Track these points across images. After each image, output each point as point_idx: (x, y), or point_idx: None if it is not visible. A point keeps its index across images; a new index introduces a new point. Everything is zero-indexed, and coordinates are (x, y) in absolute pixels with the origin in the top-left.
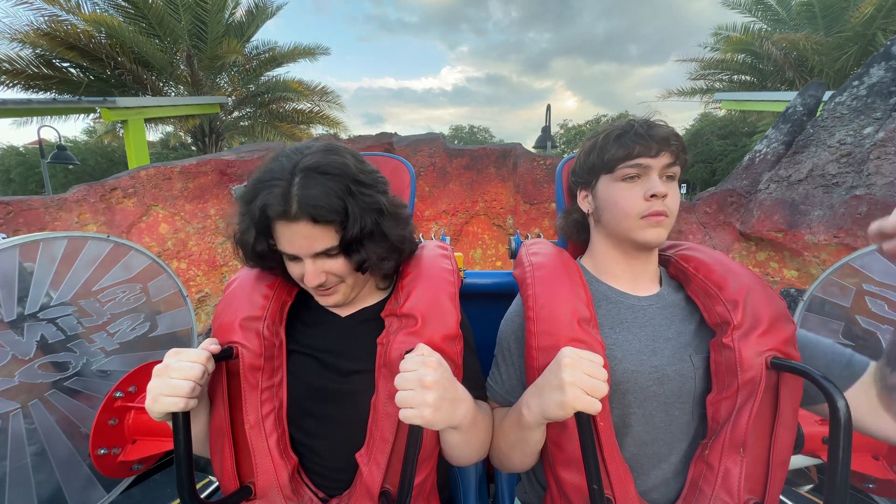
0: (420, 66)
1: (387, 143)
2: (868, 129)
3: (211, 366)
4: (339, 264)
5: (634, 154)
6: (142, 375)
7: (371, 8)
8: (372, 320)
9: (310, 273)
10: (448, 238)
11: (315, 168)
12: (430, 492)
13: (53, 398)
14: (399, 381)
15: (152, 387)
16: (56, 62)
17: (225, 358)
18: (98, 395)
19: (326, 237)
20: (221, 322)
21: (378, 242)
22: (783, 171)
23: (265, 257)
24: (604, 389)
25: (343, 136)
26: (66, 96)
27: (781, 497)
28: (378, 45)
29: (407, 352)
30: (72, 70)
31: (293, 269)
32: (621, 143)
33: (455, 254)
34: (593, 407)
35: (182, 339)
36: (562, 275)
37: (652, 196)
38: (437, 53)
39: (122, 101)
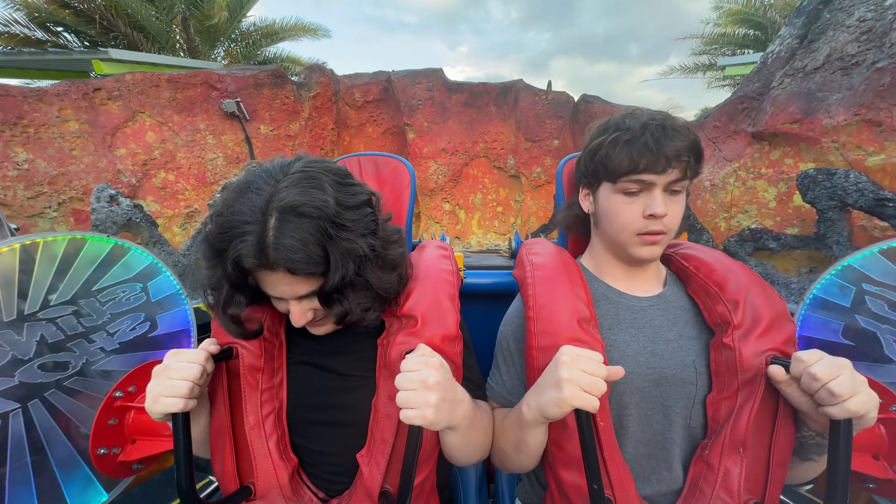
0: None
1: (384, 80)
2: (890, 0)
3: (210, 366)
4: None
5: (640, 169)
6: (142, 375)
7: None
8: (370, 326)
9: (295, 314)
10: (448, 238)
11: (291, 209)
12: (430, 492)
13: (53, 398)
14: (400, 381)
15: (151, 388)
16: (50, 25)
17: (225, 358)
18: (98, 395)
19: (309, 282)
20: None
21: (360, 292)
22: (798, 63)
23: (239, 322)
24: (602, 387)
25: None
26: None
27: (781, 497)
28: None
29: (407, 352)
30: (66, 35)
31: (279, 306)
32: (628, 153)
33: (455, 254)
34: (591, 404)
35: (182, 339)
36: (562, 275)
37: (650, 215)
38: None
39: (116, 53)
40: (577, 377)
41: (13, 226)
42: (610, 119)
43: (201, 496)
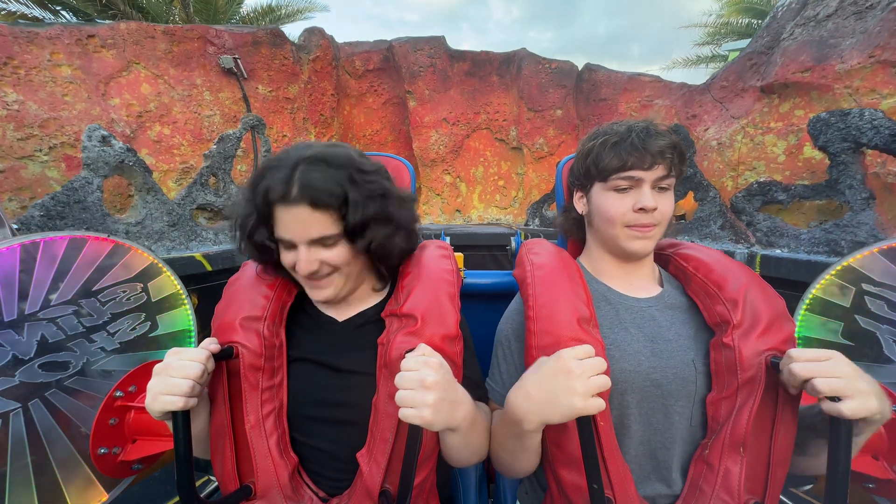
0: None
1: (385, 48)
2: None
3: (211, 365)
4: (333, 254)
5: (628, 166)
6: (142, 375)
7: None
8: (370, 323)
9: (303, 260)
10: (448, 238)
11: (318, 157)
12: (430, 492)
13: (54, 398)
14: (399, 380)
15: (152, 386)
16: (48, 3)
17: (225, 357)
18: (98, 395)
19: (324, 224)
20: (222, 321)
21: (383, 224)
22: (810, 12)
23: (260, 248)
24: (607, 383)
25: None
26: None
27: (781, 497)
28: None
29: (408, 351)
30: (65, 14)
31: (287, 258)
32: (616, 153)
33: (455, 254)
34: (601, 406)
35: (182, 339)
36: (562, 274)
37: (640, 209)
38: None
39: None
40: (591, 387)
41: (14, 225)
42: (599, 127)
43: (201, 496)
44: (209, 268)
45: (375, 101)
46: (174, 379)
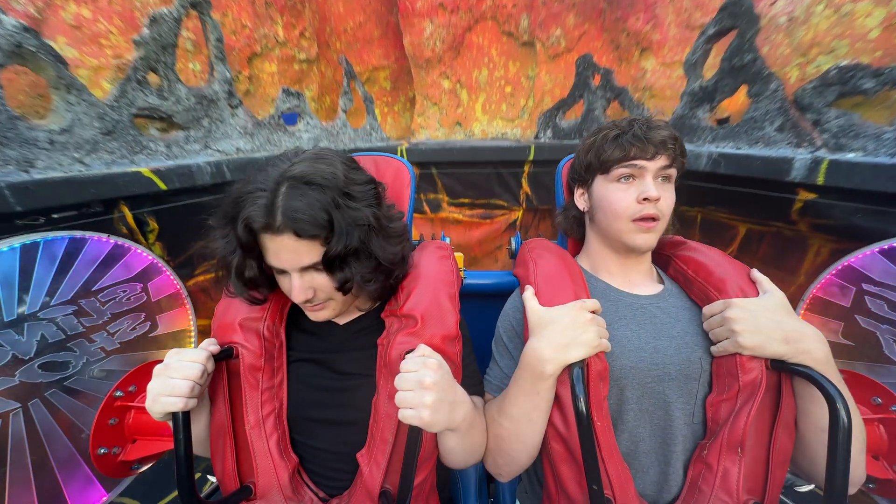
0: None
1: None
2: None
3: (210, 366)
4: (326, 280)
5: (630, 156)
6: (142, 375)
7: None
8: (370, 326)
9: (296, 288)
10: (448, 238)
11: (301, 178)
12: (430, 492)
13: (53, 398)
14: (399, 381)
15: (152, 387)
16: None
17: (225, 358)
18: (98, 395)
19: (312, 252)
20: (221, 322)
21: (363, 261)
22: None
23: (255, 283)
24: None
25: None
26: None
27: (781, 497)
28: None
29: (408, 352)
30: None
31: (283, 283)
32: (618, 144)
33: (455, 254)
34: (609, 347)
35: (182, 339)
36: (563, 273)
37: (644, 199)
38: None
39: None
40: (603, 332)
41: None
42: (600, 125)
43: (201, 496)
44: (163, 186)
45: None
46: (174, 380)
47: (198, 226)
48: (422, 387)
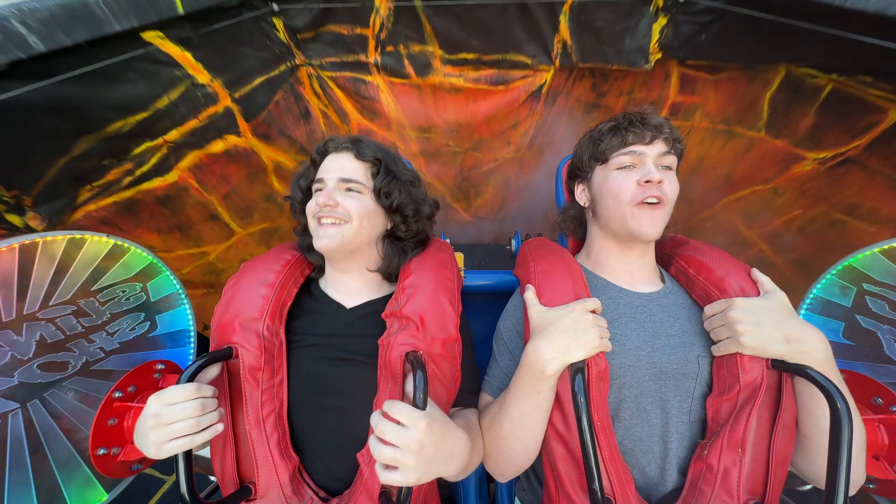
0: None
1: None
2: None
3: (214, 371)
4: (354, 202)
5: (628, 142)
6: (142, 375)
7: None
8: (375, 314)
9: (328, 189)
10: (448, 238)
11: (365, 139)
12: (430, 492)
13: (53, 398)
14: (380, 429)
15: (150, 441)
16: None
17: (224, 358)
18: (98, 395)
19: (357, 170)
20: (221, 322)
21: (407, 199)
22: None
23: (302, 191)
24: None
25: None
26: None
27: (782, 496)
28: None
29: (407, 353)
30: None
31: (318, 197)
32: (615, 133)
33: (455, 254)
34: (609, 347)
35: (182, 339)
36: (563, 272)
37: (647, 182)
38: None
39: None
40: (604, 332)
41: None
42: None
43: (201, 495)
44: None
45: None
46: (173, 425)
47: (40, 132)
48: (410, 450)
